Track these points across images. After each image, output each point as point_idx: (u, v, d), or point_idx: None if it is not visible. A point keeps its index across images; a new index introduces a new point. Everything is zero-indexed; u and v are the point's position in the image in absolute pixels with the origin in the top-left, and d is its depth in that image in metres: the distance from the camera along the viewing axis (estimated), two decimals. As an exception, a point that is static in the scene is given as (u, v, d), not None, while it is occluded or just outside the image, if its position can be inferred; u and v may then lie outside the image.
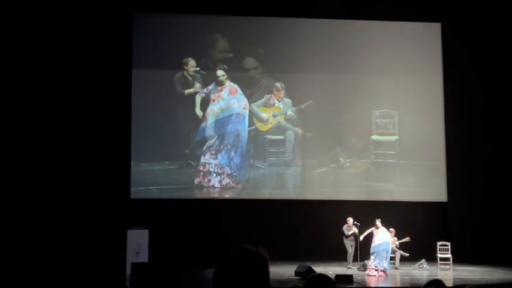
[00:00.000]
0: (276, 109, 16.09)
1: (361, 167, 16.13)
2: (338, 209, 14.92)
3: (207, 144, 15.78)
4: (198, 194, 15.58)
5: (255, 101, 16.03)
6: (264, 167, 15.81)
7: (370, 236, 13.35)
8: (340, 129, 16.19)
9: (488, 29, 16.15)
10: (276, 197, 15.77)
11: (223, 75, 15.92)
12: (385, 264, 12.79)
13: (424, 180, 16.17)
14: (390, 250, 13.12)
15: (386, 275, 12.65)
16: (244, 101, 15.98)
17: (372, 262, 12.87)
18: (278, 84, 16.14)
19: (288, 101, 16.12)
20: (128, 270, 11.47)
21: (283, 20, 16.26)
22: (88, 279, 11.56)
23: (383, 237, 13.00)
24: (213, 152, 15.75)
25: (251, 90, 16.07)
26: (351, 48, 16.25)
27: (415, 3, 16.16)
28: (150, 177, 15.37)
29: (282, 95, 16.12)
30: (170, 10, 15.86)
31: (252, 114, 15.96)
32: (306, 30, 16.31)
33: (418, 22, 16.49)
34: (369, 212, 13.95)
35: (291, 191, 15.90)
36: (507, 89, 16.12)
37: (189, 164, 15.64)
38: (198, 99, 15.82)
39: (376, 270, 12.73)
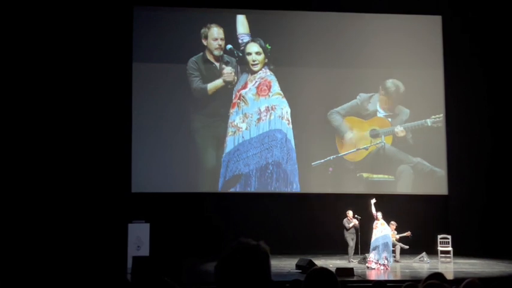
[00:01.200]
0: (270, 99, 16.01)
1: (359, 157, 16.09)
2: (338, 202, 14.95)
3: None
4: (199, 188, 15.57)
5: (250, 90, 15.95)
6: (262, 160, 15.75)
7: (370, 230, 13.35)
8: (339, 121, 16.13)
9: (489, 21, 16.10)
10: (276, 191, 15.76)
11: (232, 72, 15.89)
12: (386, 256, 12.75)
13: (424, 173, 16.17)
14: (391, 243, 13.11)
15: (387, 268, 12.65)
16: (239, 92, 15.92)
17: (372, 256, 12.87)
18: (273, 76, 16.06)
19: (281, 93, 16.01)
20: (129, 264, 11.53)
21: (283, 13, 16.20)
22: (89, 273, 11.59)
23: (383, 230, 12.99)
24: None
25: (246, 82, 15.99)
26: (351, 42, 16.20)
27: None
28: (151, 170, 15.36)
29: (276, 87, 16.02)
30: (170, 4, 15.82)
31: (245, 103, 15.85)
32: (306, 23, 16.25)
33: (418, 15, 16.44)
34: (369, 205, 13.93)
35: (290, 185, 15.86)
36: (508, 82, 16.08)
37: (190, 157, 15.61)
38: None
39: (376, 263, 12.74)
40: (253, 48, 16.04)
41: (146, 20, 15.70)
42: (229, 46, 15.99)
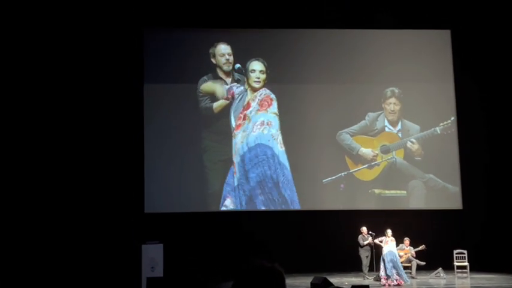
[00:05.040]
0: (267, 115, 16.01)
1: (372, 174, 16.01)
2: (351, 219, 14.85)
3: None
4: (212, 207, 15.56)
5: (254, 108, 15.96)
6: (273, 178, 15.70)
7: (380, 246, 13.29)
8: (349, 140, 16.08)
9: (498, 34, 16.07)
10: (289, 209, 15.70)
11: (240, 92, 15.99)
12: (397, 273, 12.65)
13: (438, 188, 16.03)
14: (397, 258, 12.96)
15: (400, 284, 12.53)
16: (243, 113, 15.96)
17: (382, 273, 12.83)
18: (273, 95, 16.06)
19: (277, 113, 15.96)
20: (144, 285, 11.50)
21: (293, 31, 16.27)
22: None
23: (390, 246, 12.96)
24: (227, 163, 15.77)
25: (248, 101, 16.01)
26: (360, 57, 16.22)
27: (424, 10, 16.13)
28: (164, 190, 15.39)
29: (274, 107, 16.00)
30: (179, 25, 15.98)
31: (250, 121, 15.86)
32: (315, 40, 16.31)
33: (427, 30, 16.45)
34: (383, 221, 13.86)
35: (303, 202, 15.77)
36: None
37: (202, 176, 15.63)
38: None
39: (386, 279, 12.70)
40: (257, 66, 16.13)
41: (157, 42, 15.87)
42: (237, 65, 16.09)
